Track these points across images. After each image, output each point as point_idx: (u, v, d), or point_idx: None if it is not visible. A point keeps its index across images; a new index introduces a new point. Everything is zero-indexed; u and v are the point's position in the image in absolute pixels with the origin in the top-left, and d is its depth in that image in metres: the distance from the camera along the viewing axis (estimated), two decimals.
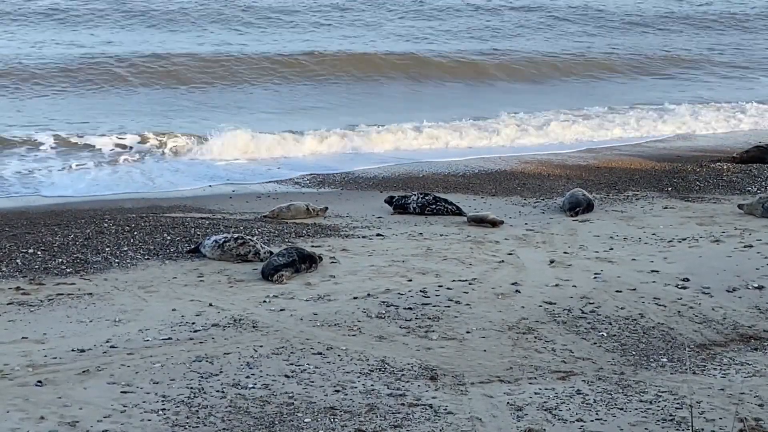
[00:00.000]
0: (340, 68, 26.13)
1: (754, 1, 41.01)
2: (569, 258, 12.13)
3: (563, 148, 19.96)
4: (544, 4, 37.34)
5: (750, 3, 40.62)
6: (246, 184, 16.61)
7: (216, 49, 27.49)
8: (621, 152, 19.56)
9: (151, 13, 32.58)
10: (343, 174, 17.34)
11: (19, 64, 24.38)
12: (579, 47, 30.87)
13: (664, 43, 32.75)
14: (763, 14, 38.70)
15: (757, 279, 11.21)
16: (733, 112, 23.36)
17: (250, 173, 17.37)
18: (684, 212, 14.66)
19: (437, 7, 35.87)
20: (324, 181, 16.83)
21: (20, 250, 11.81)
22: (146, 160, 17.77)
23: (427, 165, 18.10)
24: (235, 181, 16.74)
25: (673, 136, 21.40)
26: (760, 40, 34.47)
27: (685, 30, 35.52)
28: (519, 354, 9.04)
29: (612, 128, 21.48)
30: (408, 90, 25.40)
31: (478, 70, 27.18)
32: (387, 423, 7.54)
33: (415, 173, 17.42)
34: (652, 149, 20.01)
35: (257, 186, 16.44)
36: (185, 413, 7.63)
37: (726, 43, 33.30)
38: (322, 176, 17.13)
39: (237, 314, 9.91)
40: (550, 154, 19.30)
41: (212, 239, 12.01)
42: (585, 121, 21.86)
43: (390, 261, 11.85)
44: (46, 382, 8.15)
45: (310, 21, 33.00)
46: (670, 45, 32.36)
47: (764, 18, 38.21)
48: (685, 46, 32.33)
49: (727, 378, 8.53)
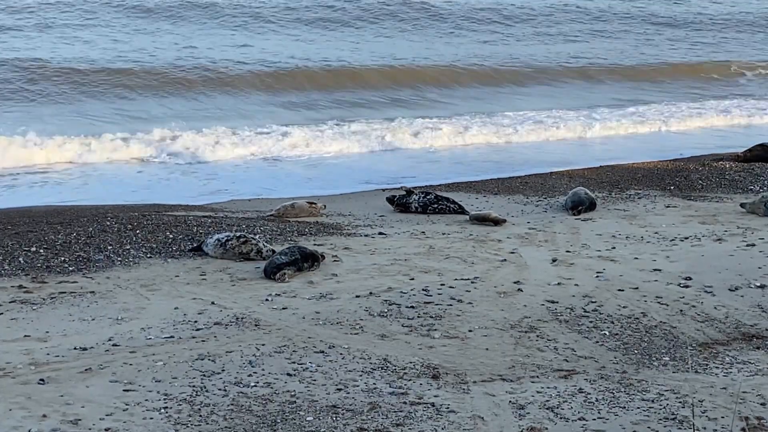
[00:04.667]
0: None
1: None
2: (572, 257, 12.13)
3: None
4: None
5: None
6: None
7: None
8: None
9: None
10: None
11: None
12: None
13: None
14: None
15: (760, 278, 11.20)
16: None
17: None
18: (686, 211, 14.66)
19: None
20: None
21: (23, 249, 11.82)
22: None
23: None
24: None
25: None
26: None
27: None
28: (521, 352, 9.04)
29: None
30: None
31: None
32: (389, 421, 7.54)
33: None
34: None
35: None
36: (187, 411, 7.64)
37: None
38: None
39: (239, 312, 9.92)
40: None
41: (215, 237, 12.01)
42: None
43: (392, 259, 11.86)
44: (49, 380, 8.15)
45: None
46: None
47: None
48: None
49: (729, 377, 8.53)
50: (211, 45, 28.10)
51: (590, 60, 29.78)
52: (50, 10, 31.24)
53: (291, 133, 19.60)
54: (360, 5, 34.32)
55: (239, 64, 25.72)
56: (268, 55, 27.14)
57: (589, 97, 25.70)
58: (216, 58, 26.13)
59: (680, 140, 21.32)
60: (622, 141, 21.17)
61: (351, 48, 29.16)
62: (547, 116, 22.53)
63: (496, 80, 26.76)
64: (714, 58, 31.37)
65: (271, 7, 33.78)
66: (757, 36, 36.33)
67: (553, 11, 36.51)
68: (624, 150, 19.91)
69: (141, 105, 22.32)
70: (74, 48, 26.71)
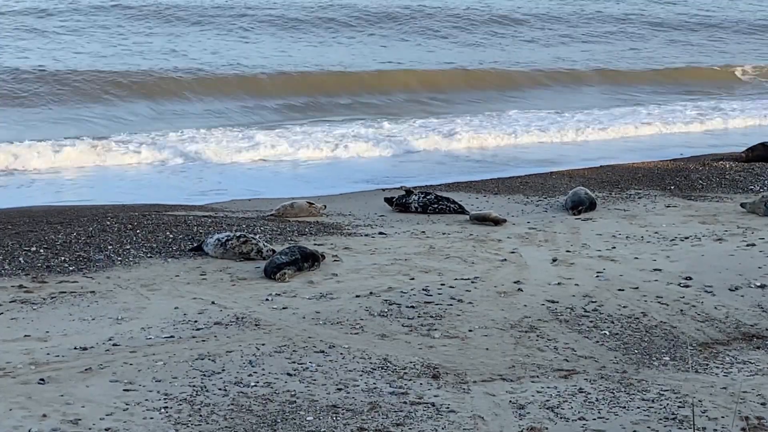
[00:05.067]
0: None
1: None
2: (572, 256, 12.12)
3: None
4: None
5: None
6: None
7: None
8: None
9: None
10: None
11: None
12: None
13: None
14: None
15: (760, 278, 11.20)
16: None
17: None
18: (686, 211, 14.66)
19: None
20: None
21: (23, 248, 11.81)
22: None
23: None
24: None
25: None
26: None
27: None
28: (521, 352, 9.04)
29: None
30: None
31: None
32: (389, 421, 7.54)
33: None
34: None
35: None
36: (187, 411, 7.64)
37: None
38: None
39: (239, 312, 9.92)
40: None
41: (215, 237, 12.01)
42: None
43: (392, 259, 11.86)
44: (49, 380, 8.15)
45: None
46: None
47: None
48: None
49: (729, 377, 8.53)
50: (205, 47, 28.36)
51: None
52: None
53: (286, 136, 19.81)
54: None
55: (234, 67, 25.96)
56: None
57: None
58: (208, 61, 26.35)
59: (677, 140, 21.43)
60: (616, 143, 21.24)
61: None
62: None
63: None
64: (709, 60, 31.51)
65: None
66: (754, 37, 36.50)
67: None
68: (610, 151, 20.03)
69: (132, 107, 22.50)
70: (65, 51, 26.89)
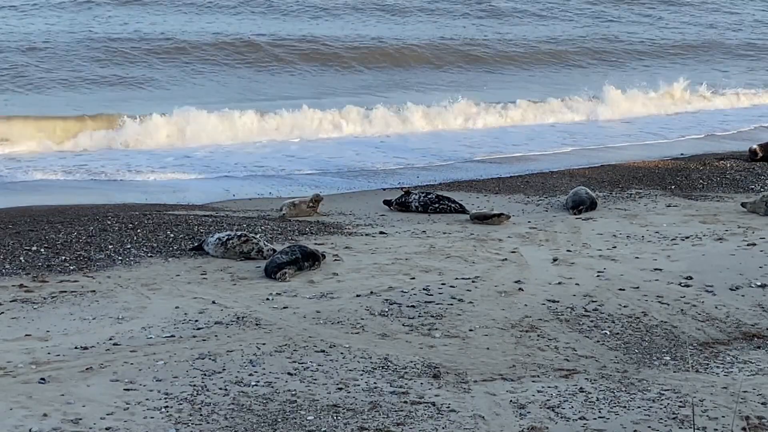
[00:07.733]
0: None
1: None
2: (572, 256, 12.12)
3: None
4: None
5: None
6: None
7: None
8: None
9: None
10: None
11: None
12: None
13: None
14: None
15: (761, 277, 11.20)
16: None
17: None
18: (687, 210, 14.66)
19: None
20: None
21: (23, 248, 11.82)
22: None
23: None
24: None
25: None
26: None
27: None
28: (522, 352, 9.04)
29: None
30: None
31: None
32: (390, 421, 7.54)
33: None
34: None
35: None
36: (188, 411, 7.64)
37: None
38: None
39: (240, 312, 9.92)
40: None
41: (215, 237, 12.01)
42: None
43: (393, 259, 11.86)
44: (49, 379, 8.15)
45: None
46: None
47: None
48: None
49: (729, 376, 8.53)
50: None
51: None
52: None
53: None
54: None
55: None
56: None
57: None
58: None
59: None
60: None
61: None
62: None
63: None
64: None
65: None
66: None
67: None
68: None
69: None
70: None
